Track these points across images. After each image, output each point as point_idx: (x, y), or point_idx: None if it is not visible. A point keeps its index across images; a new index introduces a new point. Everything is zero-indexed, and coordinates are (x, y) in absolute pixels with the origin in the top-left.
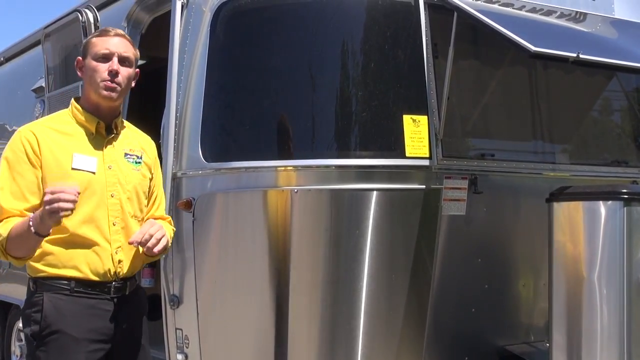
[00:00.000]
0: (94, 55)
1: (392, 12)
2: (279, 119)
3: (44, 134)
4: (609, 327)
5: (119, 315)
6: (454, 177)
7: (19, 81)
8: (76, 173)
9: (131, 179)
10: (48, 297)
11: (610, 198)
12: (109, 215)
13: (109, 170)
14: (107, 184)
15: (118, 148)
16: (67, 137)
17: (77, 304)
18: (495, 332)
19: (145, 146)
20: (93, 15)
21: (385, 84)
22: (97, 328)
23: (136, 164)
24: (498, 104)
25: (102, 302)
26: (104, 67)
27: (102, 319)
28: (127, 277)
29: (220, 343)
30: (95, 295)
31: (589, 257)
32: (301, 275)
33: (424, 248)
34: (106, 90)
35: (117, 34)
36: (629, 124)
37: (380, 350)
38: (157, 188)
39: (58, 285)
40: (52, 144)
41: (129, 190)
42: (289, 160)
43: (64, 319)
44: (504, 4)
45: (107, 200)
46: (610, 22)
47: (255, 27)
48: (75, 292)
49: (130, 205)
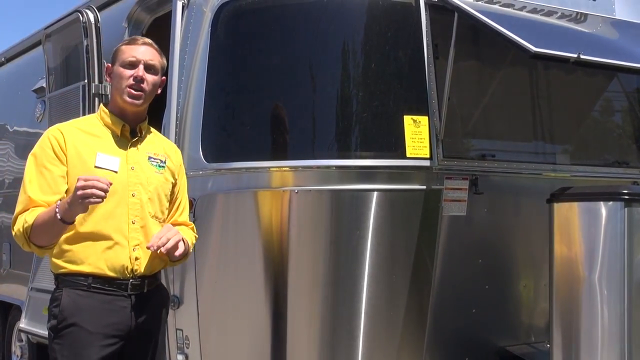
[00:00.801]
0: (122, 62)
1: (392, 12)
2: (280, 119)
3: (71, 133)
4: (610, 328)
5: (135, 312)
6: (455, 178)
7: (19, 82)
8: (99, 171)
9: (153, 180)
10: (67, 293)
11: (611, 199)
12: (128, 213)
13: (131, 170)
14: (128, 183)
15: (142, 151)
16: (93, 137)
17: (94, 299)
18: (495, 332)
19: (170, 152)
20: (94, 16)
21: (386, 84)
22: (112, 323)
23: (159, 167)
24: (499, 105)
25: (118, 299)
26: (130, 73)
27: (117, 314)
28: (145, 275)
29: (221, 343)
30: (112, 292)
31: (590, 258)
32: (301, 275)
33: (424, 249)
34: (130, 97)
35: (144, 43)
36: (629, 124)
37: (380, 350)
38: (182, 194)
39: (76, 281)
40: (78, 143)
41: (150, 191)
42: (290, 161)
43: (80, 313)
44: (504, 5)
45: (128, 199)
46: (611, 23)
47: (256, 28)
48: (92, 287)
49: (151, 206)
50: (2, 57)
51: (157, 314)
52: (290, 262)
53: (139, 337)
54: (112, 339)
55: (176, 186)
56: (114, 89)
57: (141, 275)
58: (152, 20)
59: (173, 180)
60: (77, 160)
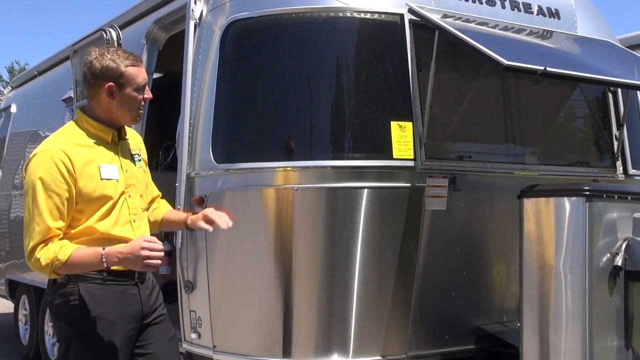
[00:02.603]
0: (136, 87)
1: (380, 30)
2: (281, 125)
3: (73, 151)
4: (573, 308)
5: (143, 297)
6: (436, 177)
7: (50, 92)
8: (106, 182)
9: (140, 177)
10: (83, 287)
11: (574, 195)
12: (130, 214)
13: (126, 173)
14: (127, 187)
15: (126, 151)
16: (90, 149)
17: (109, 291)
18: (472, 313)
19: (138, 143)
20: (116, 34)
21: (375, 94)
22: (128, 311)
23: (139, 161)
24: (475, 112)
25: (128, 288)
26: (142, 96)
27: (131, 302)
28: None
29: (230, 323)
30: (123, 282)
31: (555, 247)
32: (301, 263)
33: (409, 239)
34: (139, 118)
35: (142, 62)
36: (590, 129)
37: (371, 328)
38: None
39: (91, 276)
40: (82, 159)
41: (140, 188)
42: (290, 162)
43: (100, 305)
44: (479, 23)
45: (127, 200)
46: (574, 39)
47: (259, 44)
48: (107, 280)
49: (142, 201)
50: (35, 70)
51: (155, 292)
52: (291, 251)
53: (151, 317)
54: (131, 325)
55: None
56: (124, 108)
57: None
58: (167, 38)
59: (146, 167)
60: (86, 177)
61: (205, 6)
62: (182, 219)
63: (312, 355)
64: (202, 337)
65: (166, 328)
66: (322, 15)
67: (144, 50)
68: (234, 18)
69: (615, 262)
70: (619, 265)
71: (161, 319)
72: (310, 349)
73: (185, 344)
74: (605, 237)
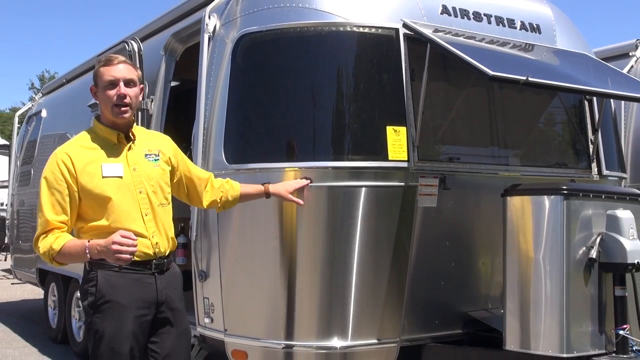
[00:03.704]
0: (103, 85)
1: (377, 43)
2: (287, 128)
3: (76, 153)
4: (552, 297)
5: (159, 286)
6: (427, 177)
7: (77, 98)
8: (107, 180)
9: (153, 174)
10: (101, 274)
11: (553, 193)
12: (140, 208)
13: (134, 171)
14: (134, 183)
15: (138, 151)
16: (95, 150)
17: (125, 278)
18: (460, 301)
19: (161, 145)
20: (137, 45)
21: (372, 101)
22: (142, 297)
23: (155, 161)
24: (463, 117)
25: (145, 277)
26: (113, 92)
27: (145, 289)
28: (164, 255)
29: (239, 308)
30: (139, 271)
31: (536, 241)
32: (305, 255)
33: (403, 233)
34: (118, 112)
35: (120, 61)
36: (567, 133)
37: (367, 314)
38: (187, 164)
39: (109, 265)
40: (84, 160)
41: (152, 185)
42: (295, 163)
43: (115, 290)
44: (467, 37)
45: (137, 196)
46: (553, 52)
47: (267, 55)
48: (123, 269)
49: (155, 197)
50: (63, 78)
51: (176, 286)
52: (296, 244)
53: (165, 305)
54: (143, 310)
55: (176, 167)
56: (103, 107)
57: (161, 256)
58: (184, 49)
59: (169, 167)
60: (87, 176)
61: (218, 21)
62: (262, 191)
63: (314, 339)
64: (214, 322)
65: (180, 321)
66: (324, 29)
67: (163, 60)
68: (244, 32)
69: (590, 255)
70: (593, 257)
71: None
72: (313, 332)
73: (199, 328)
74: (581, 232)
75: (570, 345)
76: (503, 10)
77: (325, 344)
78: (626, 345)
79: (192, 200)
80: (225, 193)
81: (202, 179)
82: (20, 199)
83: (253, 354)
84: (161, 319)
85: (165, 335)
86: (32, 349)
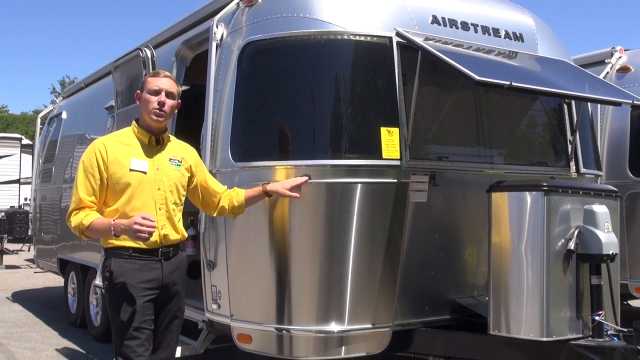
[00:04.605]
0: (148, 90)
1: (372, 50)
2: (289, 129)
3: (111, 145)
4: (533, 285)
5: (165, 271)
6: (418, 174)
7: (95, 101)
8: (133, 173)
9: (173, 176)
10: (114, 261)
11: (534, 189)
12: (156, 202)
13: (157, 170)
14: (155, 180)
15: (164, 155)
16: (128, 147)
17: (134, 264)
18: (448, 288)
19: (185, 154)
20: (150, 53)
21: (367, 104)
22: (148, 279)
23: (177, 165)
24: (451, 119)
25: (152, 262)
26: (155, 99)
27: (152, 273)
28: (171, 245)
29: (244, 295)
30: (146, 258)
31: (518, 233)
32: (305, 246)
33: (395, 226)
34: (155, 116)
35: (165, 75)
36: (548, 134)
37: (363, 301)
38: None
39: (121, 252)
40: (117, 152)
41: (170, 185)
42: (296, 161)
43: (124, 274)
44: (456, 45)
45: (155, 192)
46: (535, 59)
47: (270, 61)
48: (132, 256)
49: (171, 196)
50: (82, 83)
51: (179, 271)
52: (297, 235)
53: (168, 288)
54: (149, 290)
55: (195, 175)
56: (143, 110)
57: (167, 245)
58: (194, 56)
59: (189, 174)
60: (117, 165)
61: (225, 30)
62: (260, 191)
63: (314, 323)
64: (221, 307)
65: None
66: (323, 37)
67: (174, 66)
68: (249, 40)
69: (569, 247)
70: (571, 249)
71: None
72: (312, 318)
73: (207, 313)
74: (560, 225)
75: (549, 330)
76: (488, 20)
77: (323, 328)
78: (601, 329)
79: (205, 208)
80: (232, 200)
81: (217, 191)
82: (43, 195)
83: (257, 337)
84: (164, 298)
85: (165, 312)
86: (53, 332)
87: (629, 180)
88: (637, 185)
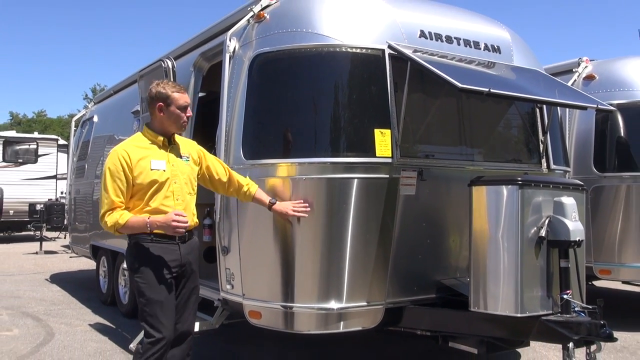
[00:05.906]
0: (179, 106)
1: (367, 61)
2: (293, 131)
3: (132, 150)
4: (508, 267)
5: (182, 252)
6: (408, 170)
7: (122, 106)
8: (154, 171)
9: (185, 170)
10: (138, 246)
11: (510, 183)
12: (174, 194)
13: (172, 167)
14: (172, 176)
15: (176, 153)
16: (145, 149)
17: (155, 248)
18: (434, 270)
19: (190, 149)
20: (171, 63)
21: (363, 108)
22: (169, 260)
23: (187, 160)
24: (437, 122)
25: (170, 245)
26: (184, 114)
27: (172, 254)
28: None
29: (255, 277)
30: (166, 242)
31: (496, 222)
32: (308, 234)
33: (387, 216)
34: (183, 128)
35: (185, 90)
36: (522, 135)
37: (359, 281)
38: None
39: (144, 238)
40: (138, 155)
41: (184, 178)
42: (300, 159)
43: (147, 256)
44: (441, 56)
45: (173, 185)
46: (511, 68)
47: (277, 71)
48: (154, 240)
49: (186, 187)
50: (111, 90)
51: (194, 253)
52: (301, 224)
53: (185, 268)
54: (170, 269)
55: (202, 165)
56: (169, 121)
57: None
58: (209, 66)
59: (197, 166)
60: (140, 168)
61: (237, 43)
62: (266, 204)
63: (315, 301)
64: (234, 288)
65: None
66: (323, 49)
67: (192, 76)
68: (258, 52)
69: (540, 234)
70: (543, 236)
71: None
72: (314, 296)
73: (222, 293)
74: (533, 215)
75: (523, 307)
76: (470, 34)
77: (324, 305)
78: (569, 306)
79: (215, 188)
80: (248, 188)
81: (220, 172)
82: (77, 189)
83: (266, 313)
84: (182, 276)
85: (184, 290)
86: (87, 309)
87: (593, 175)
88: (601, 179)
